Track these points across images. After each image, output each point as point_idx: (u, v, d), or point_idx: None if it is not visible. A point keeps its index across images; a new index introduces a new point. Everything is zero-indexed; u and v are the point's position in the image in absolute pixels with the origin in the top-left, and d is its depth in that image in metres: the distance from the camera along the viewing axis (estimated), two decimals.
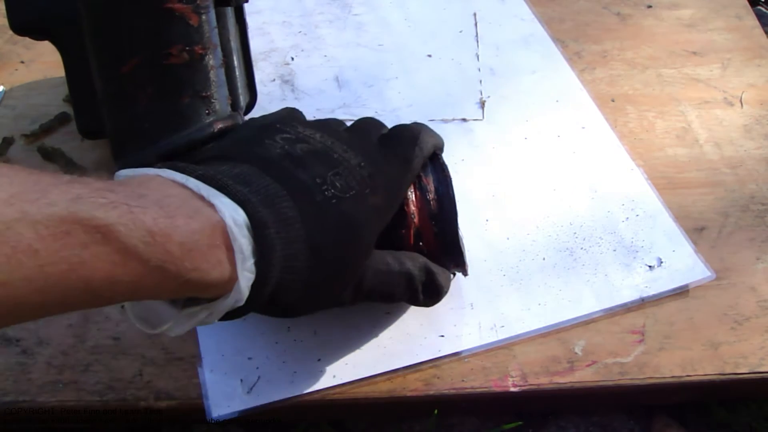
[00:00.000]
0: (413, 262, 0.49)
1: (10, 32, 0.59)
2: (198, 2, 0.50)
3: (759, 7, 0.88)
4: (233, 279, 0.38)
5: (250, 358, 0.53)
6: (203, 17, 0.51)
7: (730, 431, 0.56)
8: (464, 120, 0.69)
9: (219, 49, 0.53)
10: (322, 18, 0.79)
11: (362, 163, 0.46)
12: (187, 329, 0.40)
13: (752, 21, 0.79)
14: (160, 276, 0.36)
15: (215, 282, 0.38)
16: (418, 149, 0.49)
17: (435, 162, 0.52)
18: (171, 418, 0.53)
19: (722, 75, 0.74)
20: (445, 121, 0.69)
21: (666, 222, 0.61)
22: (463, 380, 0.53)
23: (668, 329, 0.55)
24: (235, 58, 0.59)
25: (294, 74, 0.73)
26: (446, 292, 0.51)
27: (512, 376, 0.53)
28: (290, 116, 0.50)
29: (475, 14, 0.79)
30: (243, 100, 0.62)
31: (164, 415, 0.52)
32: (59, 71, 0.70)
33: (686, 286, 0.57)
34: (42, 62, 0.73)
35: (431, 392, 0.52)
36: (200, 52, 0.50)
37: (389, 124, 0.68)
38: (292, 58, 0.74)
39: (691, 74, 0.74)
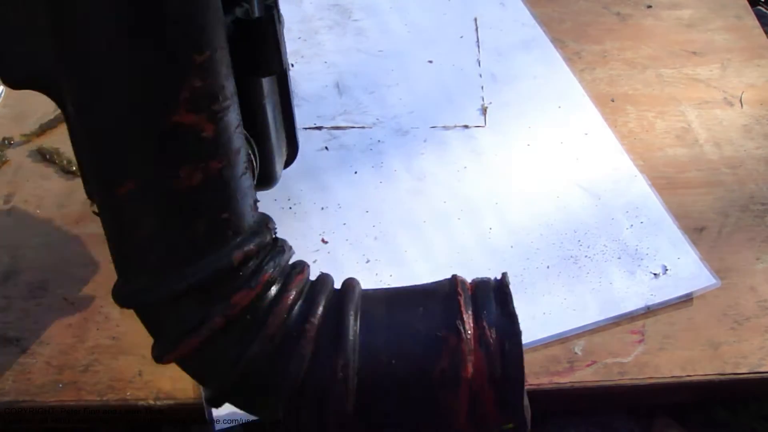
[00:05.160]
0: None
1: None
2: (214, 106, 0.38)
3: (759, 7, 0.88)
4: None
5: None
6: (222, 122, 0.39)
7: (730, 431, 0.56)
8: (466, 127, 0.69)
9: (243, 150, 0.41)
10: (322, 24, 0.79)
11: None
12: None
13: (752, 21, 0.79)
14: None
15: None
16: None
17: (504, 306, 0.43)
18: (171, 418, 0.53)
19: (722, 75, 0.74)
20: (446, 128, 0.69)
21: (670, 229, 0.61)
22: None
23: (668, 329, 0.55)
24: (270, 119, 0.51)
25: (294, 81, 0.73)
26: None
27: None
28: None
29: (475, 19, 0.79)
30: (280, 165, 0.55)
31: (164, 415, 0.52)
32: None
33: (691, 294, 0.57)
34: None
35: None
36: (218, 167, 0.39)
37: (391, 131, 0.69)
38: (292, 65, 0.74)
39: (691, 74, 0.74)
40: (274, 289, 0.41)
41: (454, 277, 0.44)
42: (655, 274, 0.58)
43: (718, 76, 0.74)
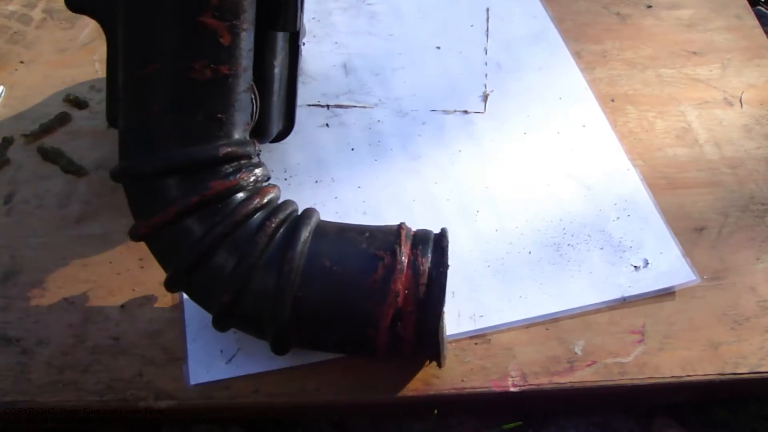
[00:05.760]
0: None
1: (10, 32, 0.59)
2: (235, 21, 0.47)
3: (759, 7, 0.88)
4: None
5: (233, 331, 0.53)
6: (238, 37, 0.48)
7: (730, 431, 0.56)
8: (465, 112, 0.70)
9: (249, 73, 0.50)
10: (336, 5, 0.80)
11: None
12: None
13: (752, 21, 0.79)
14: None
15: None
16: None
17: (438, 244, 0.49)
18: (171, 418, 0.53)
19: (722, 75, 0.74)
20: (446, 112, 0.70)
21: (657, 224, 0.61)
22: (463, 380, 0.53)
23: (668, 329, 0.55)
24: (276, 83, 0.57)
25: (303, 59, 0.74)
26: None
27: (512, 376, 0.53)
28: None
29: (488, 9, 0.80)
30: (276, 127, 0.60)
31: (164, 415, 0.52)
32: (59, 71, 0.71)
33: (670, 288, 0.57)
34: (42, 62, 0.73)
35: (431, 392, 0.52)
36: (225, 72, 0.48)
37: (392, 113, 0.70)
38: (303, 44, 0.76)
39: (691, 74, 0.74)
40: (246, 192, 0.48)
41: (402, 223, 0.51)
42: (635, 267, 0.58)
43: (718, 76, 0.74)
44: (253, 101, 0.55)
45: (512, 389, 0.52)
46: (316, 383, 0.52)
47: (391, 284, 0.46)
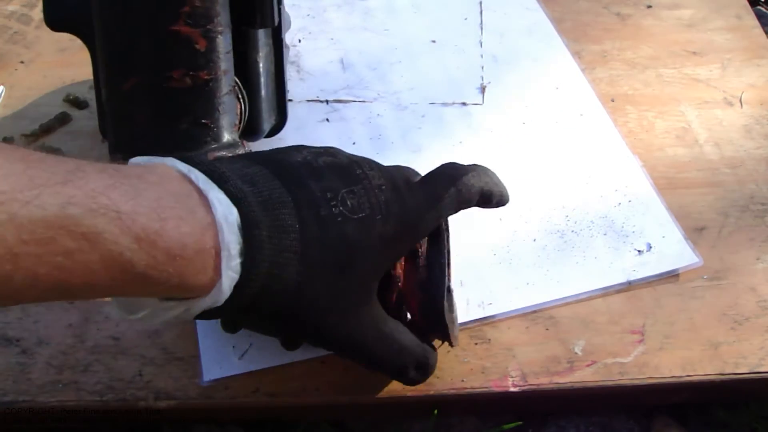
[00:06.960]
0: (412, 338, 0.47)
1: (11, 32, 0.59)
2: (209, 26, 0.48)
3: (759, 7, 0.88)
4: (216, 279, 0.38)
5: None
6: (214, 42, 0.48)
7: (730, 431, 0.56)
8: (464, 104, 0.70)
9: (230, 74, 0.50)
10: (330, 2, 0.80)
11: (383, 186, 0.44)
12: (160, 322, 0.40)
13: (752, 21, 0.79)
14: (142, 281, 0.36)
15: (198, 286, 0.38)
16: (453, 189, 0.46)
17: (435, 228, 0.49)
18: (171, 418, 0.53)
19: (722, 75, 0.74)
20: (445, 104, 0.70)
21: (657, 208, 0.62)
22: (462, 380, 0.53)
23: (668, 329, 0.55)
24: (262, 79, 0.57)
25: (300, 56, 0.74)
26: (431, 373, 0.49)
27: (512, 376, 0.53)
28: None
29: (480, 2, 0.80)
30: (268, 123, 0.60)
31: (164, 415, 0.52)
32: (59, 71, 0.70)
33: (674, 271, 0.58)
34: (42, 62, 0.73)
35: (431, 392, 0.52)
36: (205, 78, 0.48)
37: (391, 106, 0.70)
38: (299, 41, 0.76)
39: (691, 74, 0.74)
40: None
41: None
42: (639, 251, 0.59)
43: (718, 76, 0.74)
44: (241, 100, 0.55)
45: (512, 389, 0.52)
46: (316, 383, 0.52)
47: (392, 270, 0.47)
